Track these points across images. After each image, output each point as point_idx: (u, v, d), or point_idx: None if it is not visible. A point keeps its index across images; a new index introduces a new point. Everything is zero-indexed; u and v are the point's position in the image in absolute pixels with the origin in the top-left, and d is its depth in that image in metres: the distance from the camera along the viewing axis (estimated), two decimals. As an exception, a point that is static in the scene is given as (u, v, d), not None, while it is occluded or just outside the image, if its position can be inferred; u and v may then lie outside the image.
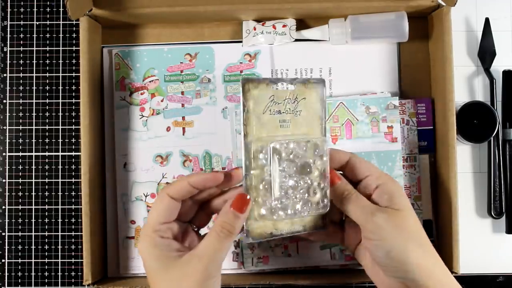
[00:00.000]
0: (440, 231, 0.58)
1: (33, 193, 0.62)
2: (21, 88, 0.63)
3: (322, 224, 0.50)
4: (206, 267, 0.43)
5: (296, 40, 0.60)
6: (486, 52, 0.61)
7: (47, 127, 0.63)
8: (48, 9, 0.63)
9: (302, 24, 0.61)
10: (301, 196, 0.47)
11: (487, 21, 0.62)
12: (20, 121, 0.63)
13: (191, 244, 0.48)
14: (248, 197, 0.45)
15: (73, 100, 0.63)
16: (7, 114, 0.63)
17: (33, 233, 0.62)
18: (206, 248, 0.44)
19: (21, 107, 0.63)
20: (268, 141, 0.45)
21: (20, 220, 0.62)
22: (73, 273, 0.62)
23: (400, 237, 0.45)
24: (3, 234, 0.62)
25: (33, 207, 0.62)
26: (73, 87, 0.63)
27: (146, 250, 0.44)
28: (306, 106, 0.48)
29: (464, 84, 0.62)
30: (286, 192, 0.46)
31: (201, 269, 0.43)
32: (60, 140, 0.63)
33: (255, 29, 0.60)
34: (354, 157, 0.49)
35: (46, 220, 0.62)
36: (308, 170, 0.47)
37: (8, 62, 0.63)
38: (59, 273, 0.62)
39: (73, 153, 0.63)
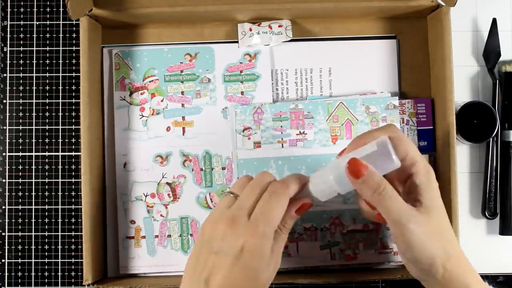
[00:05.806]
0: (440, 231, 0.58)
1: (33, 193, 0.62)
2: (21, 88, 0.63)
3: None
4: None
5: (297, 40, 0.60)
6: (491, 53, 0.61)
7: (47, 127, 0.63)
8: (48, 9, 0.63)
9: (299, 26, 0.61)
10: None
11: (494, 21, 0.61)
12: (20, 121, 0.63)
13: None
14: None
15: (73, 100, 0.63)
16: (7, 114, 0.63)
17: (33, 233, 0.62)
18: None
19: (21, 107, 0.63)
20: None
21: (20, 220, 0.62)
22: (73, 273, 0.62)
23: (429, 243, 0.44)
24: (3, 234, 0.62)
25: (33, 207, 0.62)
26: (73, 87, 0.63)
27: (268, 249, 0.44)
28: None
29: (464, 84, 0.62)
30: None
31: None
32: (60, 140, 0.63)
33: (250, 30, 0.60)
34: (395, 139, 0.45)
35: (46, 220, 0.62)
36: None
37: (8, 62, 0.63)
38: (59, 273, 0.62)
39: (73, 153, 0.63)
